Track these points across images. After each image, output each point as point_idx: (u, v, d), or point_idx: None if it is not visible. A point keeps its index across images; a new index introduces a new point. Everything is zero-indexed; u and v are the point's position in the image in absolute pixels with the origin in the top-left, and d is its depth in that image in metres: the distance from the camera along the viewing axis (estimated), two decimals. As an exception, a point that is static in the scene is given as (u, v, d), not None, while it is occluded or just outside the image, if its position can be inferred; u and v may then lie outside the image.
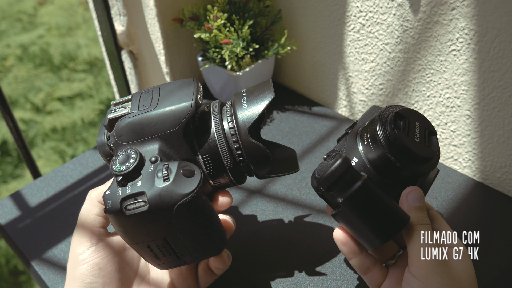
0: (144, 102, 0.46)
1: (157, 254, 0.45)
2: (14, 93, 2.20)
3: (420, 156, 0.44)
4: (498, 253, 0.58)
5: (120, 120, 0.45)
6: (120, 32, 0.85)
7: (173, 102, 0.45)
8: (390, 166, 0.45)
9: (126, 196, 0.41)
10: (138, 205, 0.41)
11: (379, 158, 0.45)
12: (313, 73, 0.81)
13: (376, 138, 0.45)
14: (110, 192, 0.42)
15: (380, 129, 0.44)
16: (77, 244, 0.46)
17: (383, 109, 0.47)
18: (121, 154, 0.43)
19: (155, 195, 0.41)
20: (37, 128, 2.11)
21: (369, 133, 0.46)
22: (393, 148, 0.44)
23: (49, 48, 2.38)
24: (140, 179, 0.42)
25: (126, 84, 0.93)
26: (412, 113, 0.46)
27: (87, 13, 2.60)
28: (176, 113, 0.44)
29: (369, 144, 0.46)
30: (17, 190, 0.70)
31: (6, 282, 1.73)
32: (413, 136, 0.45)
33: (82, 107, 2.20)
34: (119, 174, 0.42)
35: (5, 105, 0.77)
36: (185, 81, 0.48)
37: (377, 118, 0.45)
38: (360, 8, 0.68)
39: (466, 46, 0.60)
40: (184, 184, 0.42)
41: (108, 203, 0.42)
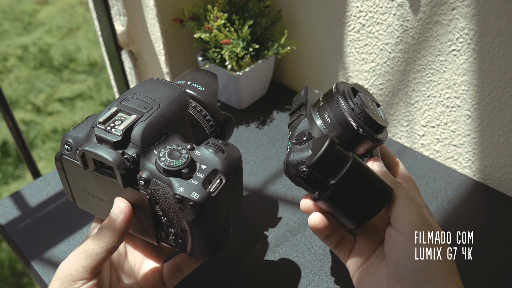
0: (140, 106, 0.45)
1: (218, 236, 0.47)
2: (15, 94, 2.20)
3: (382, 126, 0.46)
4: (498, 253, 0.58)
5: (134, 128, 0.43)
6: (120, 32, 0.85)
7: (170, 95, 0.47)
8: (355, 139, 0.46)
9: (204, 181, 0.42)
10: (217, 182, 0.43)
11: (345, 132, 0.45)
12: (313, 73, 0.81)
13: (341, 114, 0.45)
14: (185, 188, 0.42)
15: (344, 104, 0.45)
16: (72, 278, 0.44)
17: (336, 86, 0.47)
18: (164, 154, 0.43)
19: (225, 165, 0.44)
20: (38, 129, 2.11)
21: (331, 110, 0.46)
22: (359, 121, 0.45)
23: (50, 49, 2.38)
24: (201, 164, 0.43)
25: (126, 84, 0.93)
26: (360, 88, 0.48)
27: (87, 14, 2.60)
28: (181, 102, 0.47)
29: (332, 120, 0.46)
30: (18, 190, 0.70)
31: (7, 285, 1.73)
32: (369, 108, 0.46)
33: (83, 108, 2.20)
34: (182, 167, 0.42)
35: (5, 105, 0.77)
36: (151, 80, 0.49)
37: (337, 94, 0.46)
38: (360, 8, 0.68)
39: (466, 46, 0.60)
40: (233, 150, 0.46)
41: (194, 195, 0.42)
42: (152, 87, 0.48)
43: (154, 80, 0.49)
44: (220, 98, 0.83)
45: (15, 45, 2.38)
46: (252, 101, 0.82)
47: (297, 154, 0.45)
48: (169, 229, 0.46)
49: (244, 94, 0.79)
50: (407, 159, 0.71)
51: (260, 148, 0.74)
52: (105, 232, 0.44)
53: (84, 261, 0.43)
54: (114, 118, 0.44)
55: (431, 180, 0.67)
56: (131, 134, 0.43)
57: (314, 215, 0.46)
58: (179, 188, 0.42)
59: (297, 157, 0.44)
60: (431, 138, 0.70)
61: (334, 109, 0.46)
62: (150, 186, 0.43)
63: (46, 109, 2.19)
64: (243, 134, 0.76)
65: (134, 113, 0.44)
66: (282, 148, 0.73)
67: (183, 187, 0.42)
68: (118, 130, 0.43)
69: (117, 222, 0.44)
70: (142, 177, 0.43)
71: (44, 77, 2.29)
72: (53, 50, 2.36)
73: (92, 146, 0.43)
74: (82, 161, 0.44)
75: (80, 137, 0.45)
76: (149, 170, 0.43)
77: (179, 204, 0.42)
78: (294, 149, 0.45)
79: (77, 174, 0.47)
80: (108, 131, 0.43)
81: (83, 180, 0.47)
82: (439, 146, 0.70)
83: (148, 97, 0.46)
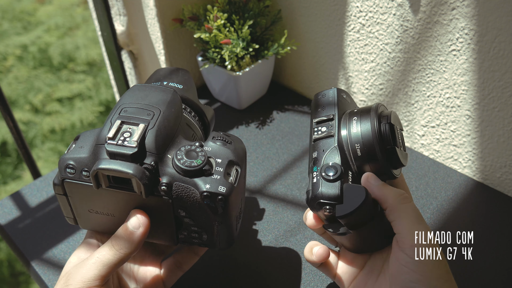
0: (141, 115, 0.45)
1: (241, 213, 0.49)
2: (14, 94, 2.20)
3: (403, 166, 0.46)
4: (498, 253, 0.58)
5: (147, 136, 0.43)
6: (120, 32, 0.85)
7: (164, 98, 0.46)
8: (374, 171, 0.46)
9: (227, 173, 0.44)
10: (235, 173, 0.45)
11: (369, 165, 0.46)
12: (313, 73, 0.81)
13: (374, 157, 0.45)
14: (210, 185, 0.43)
15: (377, 146, 0.45)
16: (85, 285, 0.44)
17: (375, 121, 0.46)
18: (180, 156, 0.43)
19: (236, 154, 0.46)
20: (36, 129, 2.11)
21: (364, 146, 0.45)
22: (388, 163, 0.45)
23: (49, 48, 2.38)
24: (216, 157, 0.45)
25: (126, 84, 0.93)
26: (395, 115, 0.47)
27: (86, 13, 2.60)
28: (177, 102, 0.47)
29: (364, 156, 0.45)
30: (17, 190, 0.70)
31: (7, 284, 1.73)
32: (400, 145, 0.46)
33: (82, 108, 2.20)
34: (203, 165, 0.43)
35: (5, 105, 0.77)
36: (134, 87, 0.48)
37: (375, 135, 0.45)
38: (360, 8, 0.68)
39: (466, 46, 0.60)
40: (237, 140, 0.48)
41: (221, 189, 0.43)
42: (143, 94, 0.47)
43: (140, 86, 0.49)
44: (220, 98, 0.83)
45: (14, 45, 2.37)
46: (252, 101, 0.82)
47: (325, 189, 0.44)
48: (192, 228, 0.47)
49: (244, 94, 0.79)
50: (407, 159, 0.71)
51: (260, 148, 0.74)
52: (122, 243, 0.44)
53: (99, 270, 0.44)
54: (121, 131, 0.44)
55: (431, 180, 0.67)
56: (144, 143, 0.43)
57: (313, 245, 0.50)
58: (205, 185, 0.43)
59: (324, 194, 0.44)
60: (431, 138, 0.70)
61: (367, 145, 0.45)
62: (172, 190, 0.43)
63: (45, 109, 2.18)
64: (243, 134, 0.76)
65: (140, 122, 0.44)
66: (282, 148, 0.73)
67: (208, 184, 0.43)
68: (132, 142, 0.42)
69: (135, 234, 0.44)
70: (164, 182, 0.43)
71: (43, 76, 2.28)
72: (52, 49, 2.36)
73: (107, 163, 0.42)
74: (95, 180, 0.43)
75: (83, 157, 0.44)
76: (168, 175, 0.43)
77: (206, 200, 0.43)
78: (323, 183, 0.44)
79: (83, 195, 0.46)
80: (121, 145, 0.42)
81: (91, 200, 0.46)
82: (439, 146, 0.70)
83: (145, 104, 0.46)
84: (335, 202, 0.44)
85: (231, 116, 0.80)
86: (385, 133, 0.44)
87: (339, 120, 0.47)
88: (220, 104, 0.83)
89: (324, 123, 0.48)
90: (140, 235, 0.44)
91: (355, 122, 0.46)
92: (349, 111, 0.48)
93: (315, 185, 0.45)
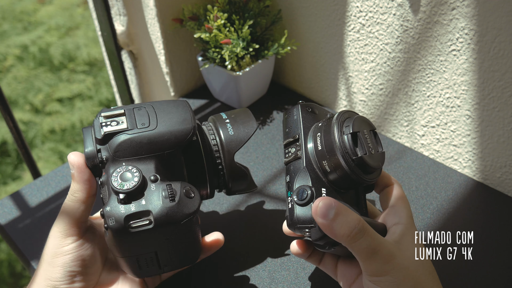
0: (141, 119, 0.46)
1: (141, 266, 0.47)
2: (14, 94, 2.20)
3: (377, 169, 0.46)
4: (498, 253, 0.58)
5: (117, 135, 0.45)
6: (120, 32, 0.85)
7: (173, 124, 0.47)
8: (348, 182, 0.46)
9: (130, 214, 0.43)
10: (143, 223, 0.43)
11: (341, 178, 0.46)
12: (313, 73, 0.81)
13: (343, 170, 0.45)
14: (111, 209, 0.43)
15: (342, 160, 0.44)
16: (62, 236, 0.46)
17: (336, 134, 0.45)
18: (122, 171, 0.44)
19: (162, 214, 0.43)
20: (36, 130, 2.11)
21: (331, 161, 0.45)
22: (357, 171, 0.45)
23: (49, 48, 2.38)
24: (144, 198, 0.44)
25: (126, 84, 0.93)
26: (358, 121, 0.46)
27: (86, 13, 2.60)
28: (178, 135, 0.47)
29: (333, 171, 0.45)
30: (17, 190, 0.70)
31: (7, 285, 1.73)
32: (369, 149, 0.45)
33: (82, 108, 2.19)
34: (122, 192, 0.43)
35: (5, 105, 0.77)
36: (178, 102, 0.49)
37: (338, 149, 0.45)
38: (360, 8, 0.68)
39: (466, 46, 0.60)
40: (187, 205, 0.44)
41: (111, 220, 0.43)
42: (170, 109, 0.48)
43: (182, 103, 0.50)
44: (220, 98, 0.83)
45: (15, 45, 2.37)
46: (252, 101, 0.82)
47: (301, 214, 0.44)
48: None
49: (244, 94, 0.79)
50: (407, 159, 0.71)
51: (260, 148, 0.74)
52: (72, 188, 0.47)
53: (69, 218, 0.46)
54: (115, 118, 0.46)
55: (431, 180, 0.67)
56: (111, 139, 0.45)
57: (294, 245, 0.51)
58: (107, 207, 0.43)
59: (300, 218, 0.44)
60: (431, 138, 0.70)
61: (333, 162, 0.45)
62: (102, 190, 0.46)
63: (45, 109, 2.18)
64: (243, 134, 0.76)
65: (129, 123, 0.46)
66: (282, 148, 0.73)
67: (110, 207, 0.43)
68: (103, 131, 0.45)
69: (75, 174, 0.46)
70: (100, 179, 0.46)
71: (43, 76, 2.28)
72: (52, 49, 2.36)
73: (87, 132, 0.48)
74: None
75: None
76: (107, 177, 0.45)
77: (103, 218, 0.44)
78: (297, 208, 0.45)
79: None
80: (102, 126, 0.46)
81: None
82: (439, 146, 0.70)
83: (155, 115, 0.47)
84: (311, 224, 0.44)
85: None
86: (349, 144, 0.44)
87: (305, 139, 0.48)
88: (220, 104, 0.83)
89: (291, 144, 0.49)
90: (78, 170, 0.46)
91: (319, 138, 0.46)
92: (314, 127, 0.48)
93: (291, 211, 0.46)
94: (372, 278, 0.43)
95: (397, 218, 0.46)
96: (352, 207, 0.46)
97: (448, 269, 0.56)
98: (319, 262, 0.52)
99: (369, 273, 0.42)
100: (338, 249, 0.46)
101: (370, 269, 0.42)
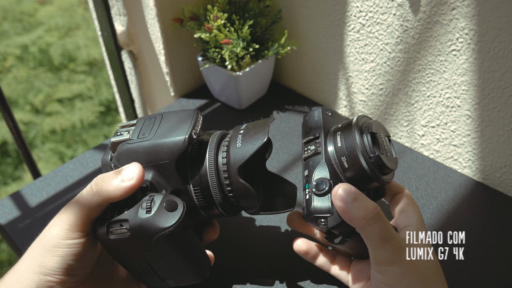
0: (144, 130, 0.48)
1: (142, 275, 0.47)
2: (14, 94, 2.20)
3: (392, 170, 0.48)
4: (498, 253, 0.58)
5: (120, 145, 0.47)
6: (120, 32, 0.85)
7: (168, 134, 0.47)
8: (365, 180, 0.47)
9: (112, 221, 0.43)
10: (121, 231, 0.43)
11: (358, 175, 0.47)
12: (313, 73, 0.81)
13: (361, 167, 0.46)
14: (102, 214, 0.45)
15: (361, 157, 0.46)
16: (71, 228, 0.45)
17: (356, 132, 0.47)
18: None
19: (136, 225, 0.43)
20: (37, 130, 2.11)
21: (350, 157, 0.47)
22: (374, 168, 0.46)
23: (49, 48, 2.38)
24: (127, 206, 0.44)
25: (126, 84, 0.93)
26: (376, 125, 0.48)
27: (86, 13, 2.60)
28: (170, 146, 0.46)
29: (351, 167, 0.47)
30: (17, 190, 0.70)
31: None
32: (385, 151, 0.47)
33: (82, 109, 2.20)
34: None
35: (5, 105, 0.77)
36: (186, 112, 0.49)
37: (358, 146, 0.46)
38: (360, 8, 0.68)
39: (466, 46, 0.60)
40: (165, 218, 0.43)
41: (98, 225, 0.44)
42: (173, 119, 0.48)
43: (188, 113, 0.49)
44: (220, 98, 0.83)
45: (15, 45, 2.37)
46: (252, 101, 0.82)
47: (318, 204, 0.46)
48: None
49: (244, 94, 0.79)
50: (407, 159, 0.71)
51: (260, 148, 0.74)
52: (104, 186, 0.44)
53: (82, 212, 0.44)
54: (128, 128, 0.49)
55: (431, 180, 0.67)
56: (117, 147, 0.48)
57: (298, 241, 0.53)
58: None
59: (317, 208, 0.46)
60: (431, 138, 0.70)
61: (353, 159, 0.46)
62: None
63: (45, 110, 2.18)
64: (243, 134, 0.76)
65: (134, 133, 0.48)
66: (282, 148, 0.73)
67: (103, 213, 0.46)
68: (110, 140, 0.49)
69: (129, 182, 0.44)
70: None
71: (43, 76, 2.28)
72: (52, 49, 2.36)
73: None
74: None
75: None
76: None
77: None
78: (315, 199, 0.46)
79: None
80: (114, 135, 0.49)
81: None
82: (439, 146, 0.70)
83: (157, 126, 0.48)
84: (328, 214, 0.46)
85: (231, 116, 0.80)
86: (368, 143, 0.46)
87: (325, 137, 0.49)
88: (220, 104, 0.83)
89: (311, 142, 0.50)
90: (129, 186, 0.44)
91: (339, 136, 0.48)
92: (334, 128, 0.50)
93: (308, 201, 0.47)
94: (379, 268, 0.44)
95: (408, 221, 0.47)
96: None
97: (448, 269, 0.56)
98: (332, 260, 0.53)
99: (377, 262, 0.43)
100: (350, 244, 0.47)
101: (379, 257, 0.43)
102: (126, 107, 0.98)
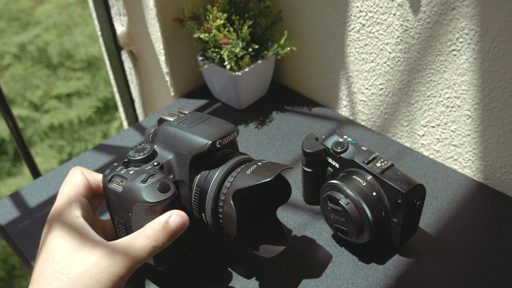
0: (187, 121, 0.53)
1: (116, 227, 0.53)
2: (11, 92, 2.19)
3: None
4: (498, 253, 0.58)
5: (163, 123, 0.54)
6: (120, 32, 0.85)
7: (199, 133, 0.51)
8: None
9: (116, 174, 0.51)
10: (118, 185, 0.50)
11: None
12: (313, 73, 0.81)
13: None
14: (116, 165, 0.52)
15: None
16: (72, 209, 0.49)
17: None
18: (143, 146, 0.52)
19: (129, 187, 0.49)
20: (35, 127, 2.11)
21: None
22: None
23: (47, 47, 2.37)
24: (134, 169, 0.50)
25: (126, 84, 0.93)
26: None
27: (84, 11, 2.59)
28: (193, 143, 0.51)
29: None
30: (17, 190, 0.70)
31: (2, 281, 1.73)
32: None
33: (79, 105, 2.19)
34: (128, 158, 0.51)
35: (4, 104, 0.76)
36: (227, 125, 0.54)
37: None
38: (360, 8, 0.68)
39: (466, 46, 0.60)
40: (151, 194, 0.48)
41: (107, 171, 0.51)
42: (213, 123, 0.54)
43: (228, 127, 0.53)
44: (220, 98, 0.83)
45: (12, 43, 2.37)
46: (252, 101, 0.82)
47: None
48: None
49: (244, 94, 0.79)
50: (407, 159, 0.71)
51: (260, 148, 0.74)
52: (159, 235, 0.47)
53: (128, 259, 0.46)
54: (181, 113, 0.57)
55: (431, 180, 0.67)
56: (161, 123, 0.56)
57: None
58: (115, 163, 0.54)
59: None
60: (431, 138, 0.70)
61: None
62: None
63: (43, 107, 2.18)
64: (243, 134, 0.76)
65: (178, 120, 0.54)
66: (282, 148, 0.73)
67: (116, 163, 0.53)
68: (161, 115, 0.57)
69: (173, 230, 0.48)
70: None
71: (40, 73, 2.28)
72: (50, 47, 2.35)
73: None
74: None
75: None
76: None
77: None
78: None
79: None
80: (168, 115, 0.56)
81: None
82: (439, 146, 0.70)
83: (197, 123, 0.53)
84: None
85: (231, 116, 0.80)
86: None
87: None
88: (220, 104, 0.83)
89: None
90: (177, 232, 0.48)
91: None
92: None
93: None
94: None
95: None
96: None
97: (448, 269, 0.56)
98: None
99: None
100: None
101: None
102: (126, 107, 0.98)
